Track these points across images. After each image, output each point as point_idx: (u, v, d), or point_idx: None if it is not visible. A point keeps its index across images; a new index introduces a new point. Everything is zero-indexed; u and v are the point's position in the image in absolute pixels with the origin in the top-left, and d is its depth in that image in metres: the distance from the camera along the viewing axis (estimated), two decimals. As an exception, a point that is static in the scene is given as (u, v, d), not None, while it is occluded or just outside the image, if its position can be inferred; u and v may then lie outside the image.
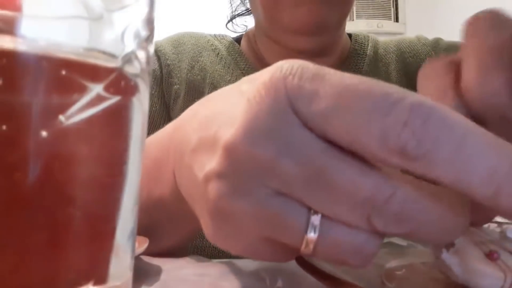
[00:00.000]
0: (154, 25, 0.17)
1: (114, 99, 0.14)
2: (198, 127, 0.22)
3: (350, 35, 0.65)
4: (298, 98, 0.17)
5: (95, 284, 0.15)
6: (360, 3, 2.35)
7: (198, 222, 0.22)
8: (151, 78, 0.58)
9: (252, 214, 0.18)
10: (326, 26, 0.51)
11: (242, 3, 0.73)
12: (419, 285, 0.24)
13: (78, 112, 0.13)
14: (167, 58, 0.61)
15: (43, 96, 0.13)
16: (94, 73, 0.14)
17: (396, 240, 0.27)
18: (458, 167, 0.16)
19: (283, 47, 0.56)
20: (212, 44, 0.63)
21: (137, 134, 0.16)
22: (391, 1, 2.40)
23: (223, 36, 0.66)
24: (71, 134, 0.13)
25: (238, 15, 0.75)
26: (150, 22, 0.16)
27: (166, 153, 0.28)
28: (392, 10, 2.40)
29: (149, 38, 0.16)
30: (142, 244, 0.28)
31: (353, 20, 2.33)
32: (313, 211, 0.18)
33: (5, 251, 0.13)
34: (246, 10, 0.73)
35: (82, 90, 0.14)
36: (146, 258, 0.32)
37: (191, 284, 0.26)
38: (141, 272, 0.28)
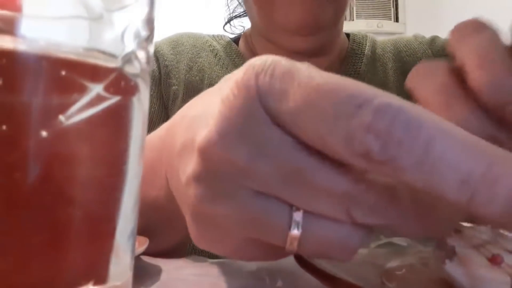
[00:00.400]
0: (154, 25, 0.17)
1: (114, 99, 0.14)
2: (183, 130, 0.22)
3: (348, 35, 0.65)
4: (269, 96, 0.17)
5: (95, 284, 0.15)
6: (360, 3, 2.35)
7: None
8: (150, 79, 0.58)
9: (233, 216, 0.18)
10: (322, 24, 0.51)
11: (239, 5, 0.73)
12: (419, 285, 0.24)
13: (78, 112, 0.13)
14: (166, 59, 0.61)
15: (43, 96, 0.13)
16: (94, 73, 0.14)
17: (396, 240, 0.27)
18: (427, 172, 0.15)
19: (279, 48, 0.56)
20: (210, 44, 0.63)
21: (137, 134, 0.16)
22: (391, 1, 2.40)
23: (222, 36, 0.66)
24: (71, 134, 0.13)
25: (236, 17, 0.75)
26: (150, 22, 0.16)
27: (159, 155, 0.28)
28: (392, 10, 2.39)
29: (149, 38, 0.16)
30: (142, 244, 0.28)
31: (353, 20, 2.33)
32: (294, 208, 0.18)
33: (5, 251, 0.13)
34: (243, 11, 0.73)
35: (82, 90, 0.14)
36: (146, 258, 0.32)
37: (191, 284, 0.26)
38: (141, 272, 0.28)
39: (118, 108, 0.15)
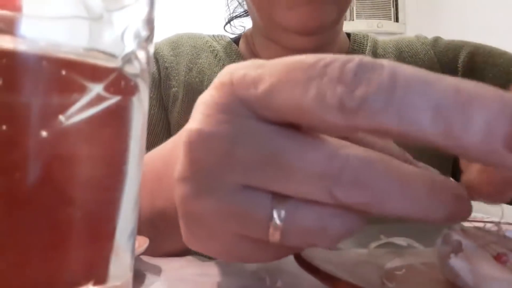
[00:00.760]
0: (154, 25, 0.17)
1: (114, 99, 0.14)
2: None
3: (349, 35, 0.65)
4: (243, 86, 0.18)
5: (95, 284, 0.15)
6: (360, 3, 2.35)
7: None
8: (150, 81, 0.57)
9: (218, 212, 0.19)
10: (323, 25, 0.51)
11: (240, 5, 0.73)
12: (419, 285, 0.24)
13: (78, 112, 0.13)
14: (165, 60, 0.60)
15: (43, 96, 0.13)
16: (94, 73, 0.14)
17: (396, 240, 0.27)
18: (397, 109, 0.15)
19: (280, 47, 0.56)
20: (210, 45, 0.63)
21: (137, 134, 0.16)
22: (391, 1, 2.40)
23: (222, 36, 0.66)
24: (71, 134, 0.13)
25: (236, 17, 0.74)
26: (150, 22, 0.16)
27: (167, 166, 0.28)
28: (392, 10, 2.39)
29: (149, 38, 0.16)
30: (142, 244, 0.28)
31: (353, 20, 2.33)
32: (276, 201, 0.18)
33: (5, 251, 0.13)
34: (244, 11, 0.73)
35: (82, 90, 0.14)
36: (146, 258, 0.32)
37: (191, 284, 0.26)
38: (141, 272, 0.28)
39: (118, 108, 0.15)
